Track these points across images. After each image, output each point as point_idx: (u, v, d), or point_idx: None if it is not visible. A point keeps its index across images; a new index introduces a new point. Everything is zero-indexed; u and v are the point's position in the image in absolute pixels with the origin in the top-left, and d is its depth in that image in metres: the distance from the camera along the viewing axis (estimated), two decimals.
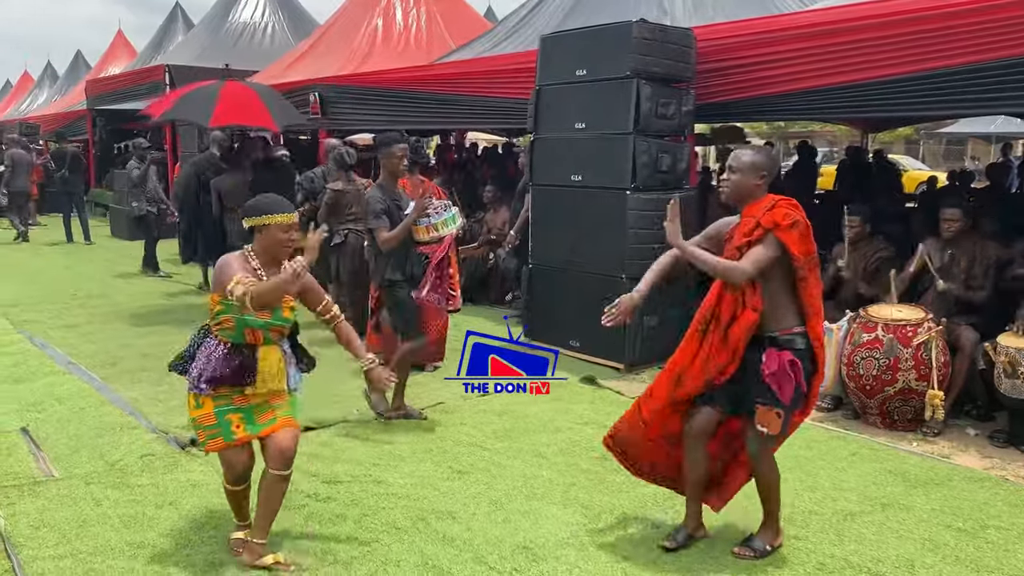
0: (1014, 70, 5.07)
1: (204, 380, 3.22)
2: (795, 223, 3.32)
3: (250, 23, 17.96)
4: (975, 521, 3.86)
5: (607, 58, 6.23)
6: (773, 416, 3.34)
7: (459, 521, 3.81)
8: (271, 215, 3.28)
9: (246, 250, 3.33)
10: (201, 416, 3.28)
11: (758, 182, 3.43)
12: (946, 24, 5.26)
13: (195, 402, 3.29)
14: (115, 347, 6.94)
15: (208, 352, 3.26)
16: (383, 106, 10.05)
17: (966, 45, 5.26)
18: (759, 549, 3.54)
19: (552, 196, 6.80)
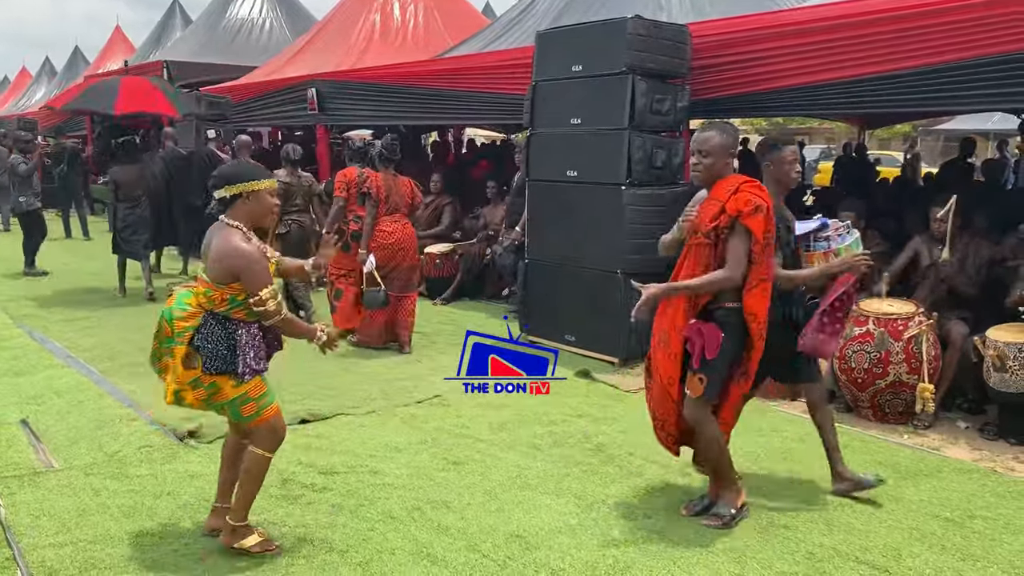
0: (1011, 66, 5.11)
1: (257, 361, 3.23)
2: (758, 208, 3.44)
3: (248, 19, 18.03)
4: (962, 511, 3.91)
5: (603, 54, 6.28)
6: (695, 381, 3.56)
7: (454, 510, 3.86)
8: (258, 180, 3.27)
9: (235, 225, 3.21)
10: (251, 388, 3.23)
11: (728, 161, 3.59)
12: (943, 20, 5.31)
13: (235, 381, 3.20)
14: (114, 341, 6.99)
15: (246, 340, 3.21)
16: (381, 102, 10.08)
17: (963, 40, 5.29)
18: (724, 515, 3.69)
19: (548, 191, 6.84)
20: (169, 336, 3.21)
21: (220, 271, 3.16)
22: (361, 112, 10.78)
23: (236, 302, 3.19)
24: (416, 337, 7.22)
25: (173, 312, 3.21)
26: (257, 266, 3.18)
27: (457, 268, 8.97)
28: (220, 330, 3.19)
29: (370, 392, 5.68)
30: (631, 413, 5.27)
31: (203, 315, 3.20)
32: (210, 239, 3.26)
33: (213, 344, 3.17)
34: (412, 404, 5.44)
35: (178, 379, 3.20)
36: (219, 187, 3.26)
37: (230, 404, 3.26)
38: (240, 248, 3.16)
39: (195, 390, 3.22)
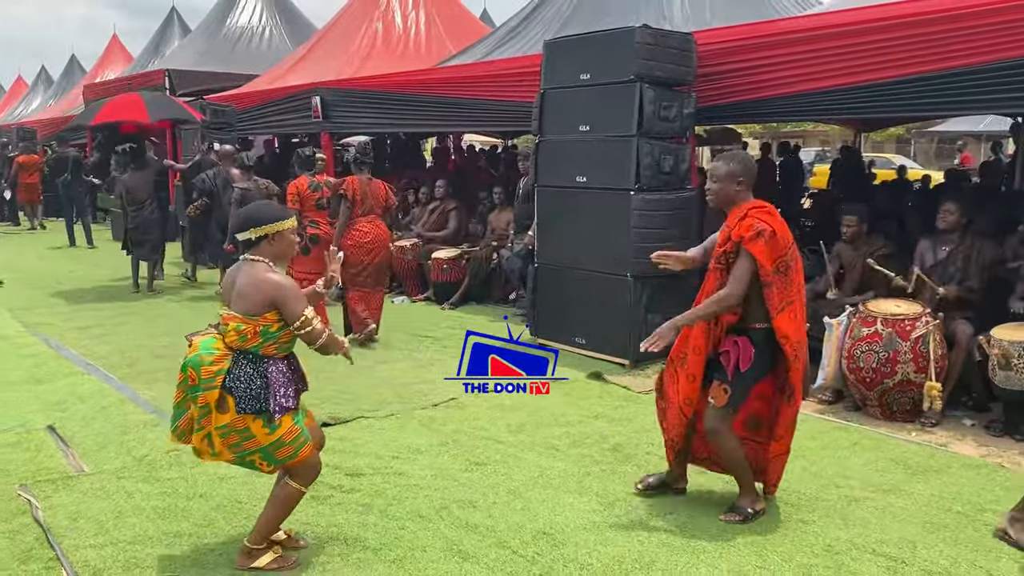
0: (1005, 72, 5.25)
1: (287, 399, 3.23)
2: (759, 233, 3.59)
3: (247, 27, 18.12)
4: (973, 505, 4.04)
5: (611, 62, 6.40)
6: (721, 391, 3.73)
7: (480, 509, 3.97)
8: (282, 221, 3.30)
9: (261, 260, 3.26)
10: (284, 432, 3.22)
11: (737, 188, 3.76)
12: (946, 27, 5.42)
13: (267, 427, 3.18)
14: (130, 348, 7.08)
15: (277, 376, 3.23)
16: (385, 109, 10.20)
17: (959, 48, 5.43)
18: (743, 512, 3.85)
19: (557, 197, 6.96)
20: (195, 384, 3.17)
21: (253, 303, 3.17)
22: (366, 120, 10.89)
23: (269, 334, 3.20)
24: (427, 342, 7.36)
25: (200, 358, 3.16)
26: (294, 291, 3.23)
27: (464, 273, 9.08)
28: (251, 368, 3.19)
29: (386, 396, 5.78)
30: (645, 414, 5.38)
31: (232, 356, 3.19)
32: (233, 277, 3.29)
33: (246, 383, 3.16)
34: (429, 407, 5.55)
35: (207, 423, 3.18)
36: (244, 229, 3.27)
37: (263, 451, 3.22)
38: (273, 278, 3.20)
39: (226, 437, 3.18)
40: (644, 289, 6.41)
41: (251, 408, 3.16)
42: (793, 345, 3.69)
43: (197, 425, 3.22)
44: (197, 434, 3.23)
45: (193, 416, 3.23)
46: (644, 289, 6.41)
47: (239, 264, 3.33)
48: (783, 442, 3.91)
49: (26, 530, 3.71)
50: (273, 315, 3.20)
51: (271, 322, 3.20)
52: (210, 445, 3.23)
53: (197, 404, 3.18)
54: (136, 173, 9.88)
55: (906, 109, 7.11)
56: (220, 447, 3.21)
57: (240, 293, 3.20)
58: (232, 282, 3.28)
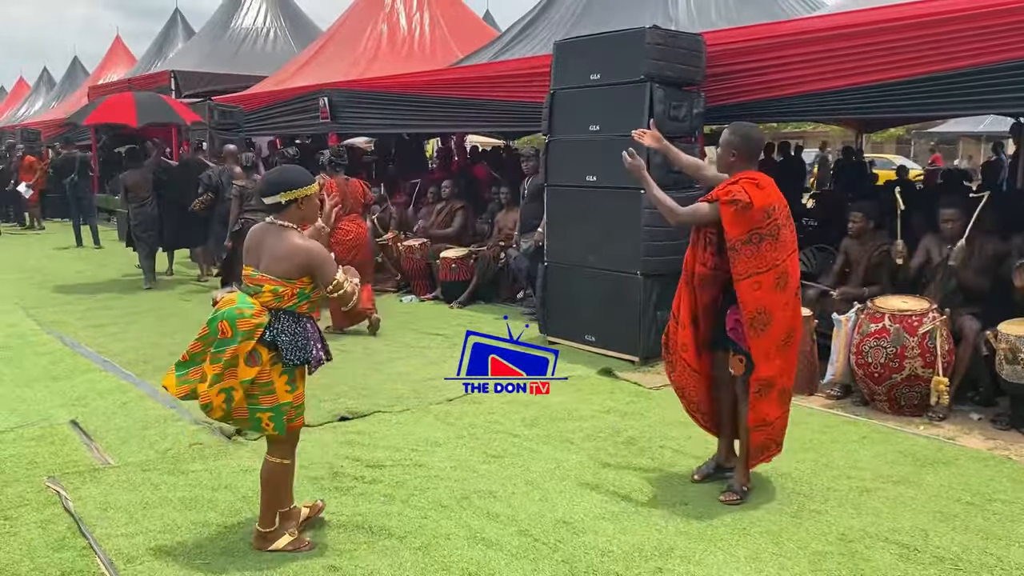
0: (1011, 72, 5.34)
1: (323, 353, 3.46)
2: (733, 201, 3.76)
3: (252, 29, 18.23)
4: (982, 495, 4.12)
5: (621, 63, 6.49)
6: (737, 361, 3.98)
7: (500, 499, 4.05)
8: (310, 186, 3.43)
9: (290, 225, 3.38)
10: (296, 395, 3.41)
11: (731, 159, 3.98)
12: (952, 28, 5.50)
13: (289, 385, 3.36)
14: (144, 346, 7.17)
15: (314, 331, 3.45)
16: (394, 110, 10.29)
17: (966, 49, 5.52)
18: (739, 490, 4.06)
19: (567, 196, 7.05)
20: (226, 337, 3.27)
21: (290, 267, 3.32)
22: (373, 120, 10.99)
23: (304, 295, 3.37)
24: (438, 340, 7.45)
25: (238, 311, 3.29)
26: (326, 256, 3.39)
27: (472, 272, 9.17)
28: (294, 323, 3.36)
29: (401, 391, 5.86)
30: (656, 409, 5.48)
31: (271, 311, 3.33)
32: (259, 240, 3.40)
33: (291, 335, 3.33)
34: (444, 402, 5.64)
35: (231, 377, 3.26)
36: (274, 193, 3.38)
37: (275, 409, 3.34)
38: (308, 244, 3.35)
39: (249, 387, 3.29)
40: (654, 287, 6.50)
41: (297, 358, 3.32)
42: (752, 309, 3.81)
43: (218, 381, 3.27)
44: (213, 388, 3.28)
45: (205, 371, 3.30)
46: (654, 287, 6.50)
47: (264, 226, 3.44)
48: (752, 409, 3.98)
49: (58, 520, 3.79)
50: (307, 279, 3.37)
51: (306, 284, 3.37)
52: (227, 400, 3.29)
53: (224, 358, 3.25)
54: (135, 171, 10.47)
55: (914, 109, 7.19)
56: (239, 401, 3.30)
57: (275, 257, 3.33)
58: (259, 243, 3.40)
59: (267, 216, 3.46)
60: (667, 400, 5.66)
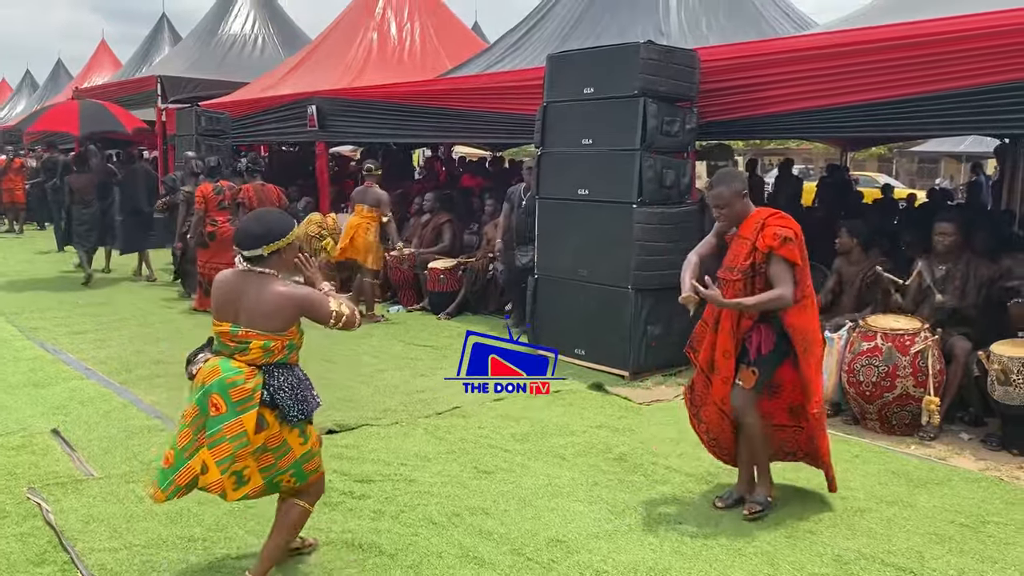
0: (994, 95, 5.39)
1: (318, 399, 3.26)
2: (786, 239, 3.82)
3: (240, 35, 18.09)
4: (976, 517, 4.11)
5: (614, 77, 6.48)
6: (748, 373, 3.96)
7: (492, 516, 3.99)
8: (292, 232, 3.19)
9: (270, 273, 3.13)
10: (313, 440, 3.24)
11: (742, 203, 3.99)
12: (944, 49, 5.52)
13: (302, 437, 3.18)
14: (127, 354, 7.05)
15: (304, 379, 3.23)
16: (383, 119, 10.23)
17: (953, 71, 5.54)
18: (762, 501, 4.06)
19: (558, 209, 7.02)
20: (221, 414, 3.00)
21: (279, 320, 3.08)
22: (362, 129, 10.93)
23: (293, 345, 3.16)
24: (427, 351, 7.39)
25: (229, 380, 3.02)
26: (312, 295, 3.16)
27: (460, 283, 9.11)
28: (289, 375, 3.14)
29: (389, 404, 5.79)
30: (647, 425, 5.44)
31: (263, 369, 3.09)
32: (235, 292, 3.11)
33: (290, 390, 3.11)
34: (433, 416, 5.57)
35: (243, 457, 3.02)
36: (255, 247, 3.09)
37: (295, 465, 3.16)
38: (294, 292, 3.11)
39: (261, 456, 3.07)
40: (645, 301, 6.47)
41: (300, 412, 3.12)
42: (800, 334, 3.88)
43: (227, 463, 2.99)
44: (226, 473, 3.00)
45: (206, 462, 3.00)
46: (645, 301, 6.47)
47: (238, 275, 3.15)
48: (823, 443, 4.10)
49: (38, 533, 3.70)
50: (296, 327, 3.16)
51: (295, 335, 3.17)
52: (238, 483, 3.04)
53: (228, 436, 2.98)
54: (81, 175, 11.18)
55: (903, 128, 7.27)
56: (251, 474, 3.05)
57: (261, 311, 3.06)
58: (235, 295, 3.11)
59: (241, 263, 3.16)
60: (657, 416, 5.65)
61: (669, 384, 6.44)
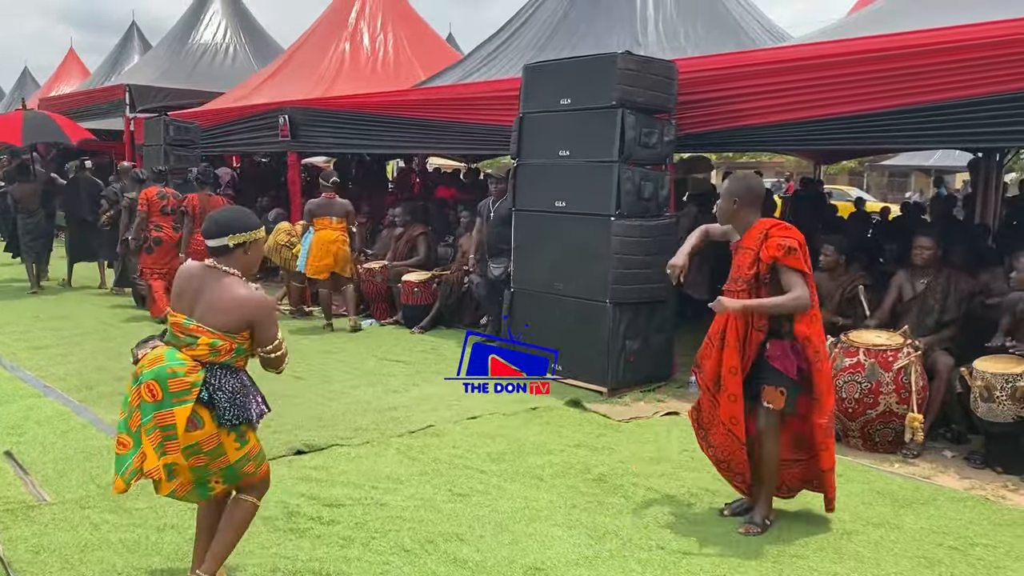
0: (969, 108, 5.35)
1: (262, 406, 3.17)
2: (790, 249, 3.80)
3: (211, 44, 17.85)
4: (964, 539, 4.00)
5: (592, 88, 6.36)
6: (777, 394, 3.88)
7: (467, 543, 3.82)
8: (257, 229, 3.14)
9: (234, 273, 3.07)
10: (251, 446, 3.12)
11: (733, 206, 3.98)
12: (922, 62, 5.46)
13: (239, 442, 3.06)
14: (88, 370, 6.80)
15: (250, 384, 3.14)
16: (357, 130, 10.03)
17: (929, 84, 5.48)
18: (759, 523, 4.01)
19: (535, 221, 6.89)
20: (156, 400, 2.92)
21: (233, 321, 3.01)
22: (335, 140, 10.72)
23: (241, 350, 3.07)
24: (400, 367, 7.21)
25: (169, 370, 2.94)
26: (271, 309, 3.09)
27: (435, 296, 8.94)
28: (232, 378, 3.04)
29: (360, 423, 5.60)
30: (626, 443, 5.31)
31: (207, 367, 3.00)
32: (195, 285, 3.06)
33: (230, 393, 3.01)
34: (406, 435, 5.39)
35: (172, 451, 2.91)
36: (220, 235, 3.05)
37: (227, 469, 3.06)
38: (255, 297, 3.04)
39: (193, 457, 2.96)
40: (623, 316, 6.34)
41: (236, 417, 3.01)
42: (815, 346, 3.87)
43: (159, 451, 2.91)
44: (161, 460, 2.91)
45: (150, 445, 2.91)
46: (623, 316, 6.34)
47: (200, 269, 3.10)
48: (829, 452, 4.01)
49: None
50: (247, 333, 3.06)
51: (244, 340, 3.07)
52: (169, 473, 2.95)
53: (159, 424, 2.90)
54: (25, 185, 11.17)
55: (880, 142, 7.23)
56: (180, 471, 2.96)
57: (216, 308, 3.00)
58: (195, 288, 3.05)
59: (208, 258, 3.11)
60: (636, 434, 5.52)
61: (648, 400, 6.31)
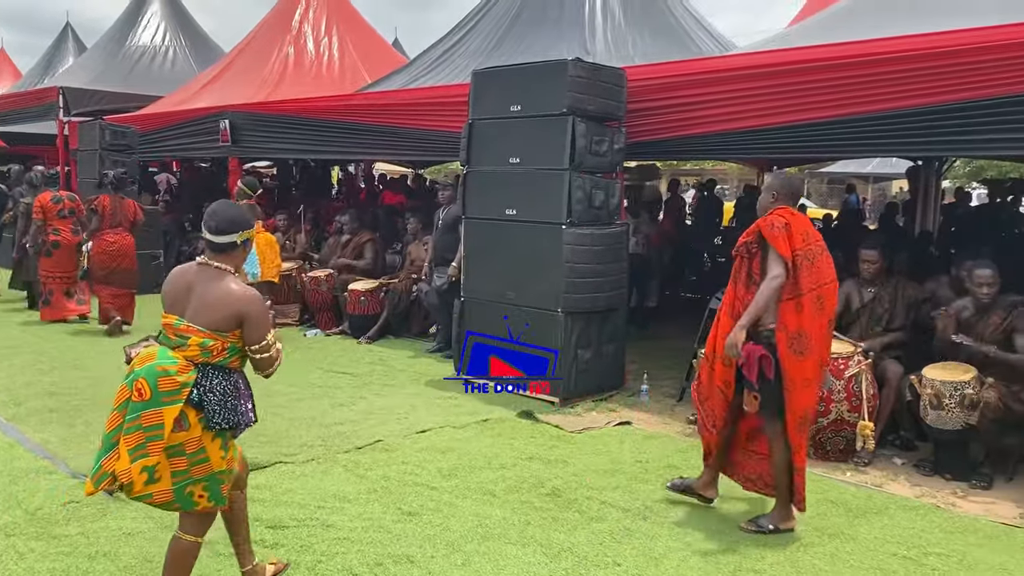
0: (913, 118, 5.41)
1: (251, 414, 3.09)
2: (773, 225, 3.99)
3: (150, 47, 17.35)
4: (918, 549, 4.00)
5: (542, 95, 6.29)
6: (751, 398, 4.01)
7: (418, 565, 3.69)
8: (253, 227, 3.14)
9: (228, 269, 3.03)
10: (230, 459, 3.03)
11: (772, 200, 4.18)
12: (867, 71, 5.49)
13: (223, 450, 2.98)
14: (17, 386, 6.48)
15: (244, 388, 3.06)
16: (300, 135, 9.82)
17: (874, 93, 5.52)
18: (763, 526, 4.09)
19: (485, 229, 6.77)
20: (145, 400, 2.83)
21: (225, 319, 2.93)
22: (278, 145, 10.48)
23: (235, 350, 2.99)
24: (346, 379, 7.04)
25: (160, 368, 2.86)
26: (262, 306, 3.02)
27: (382, 305, 8.77)
28: (224, 380, 2.96)
29: (306, 438, 5.42)
30: (580, 455, 5.22)
31: (199, 367, 2.93)
32: (187, 286, 2.99)
33: (220, 395, 2.93)
34: (353, 450, 5.22)
35: (154, 451, 2.82)
36: (232, 232, 3.03)
37: (209, 479, 2.95)
38: (248, 292, 2.98)
39: (175, 458, 2.87)
40: (575, 325, 6.27)
41: (225, 421, 2.93)
42: (790, 335, 3.93)
43: (138, 452, 2.80)
44: (136, 463, 2.80)
45: (120, 448, 2.82)
46: (575, 325, 6.27)
47: (193, 269, 3.04)
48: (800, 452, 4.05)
49: None
50: (240, 331, 2.98)
51: (236, 339, 2.99)
52: (148, 481, 2.84)
53: (144, 424, 2.81)
54: None
55: (824, 149, 7.27)
56: (162, 473, 2.85)
57: (206, 304, 2.94)
58: (187, 289, 2.98)
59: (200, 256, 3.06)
60: (589, 445, 5.44)
61: (600, 410, 6.24)
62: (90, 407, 5.86)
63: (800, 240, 3.95)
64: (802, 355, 3.92)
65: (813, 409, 4.23)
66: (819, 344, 3.98)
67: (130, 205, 8.99)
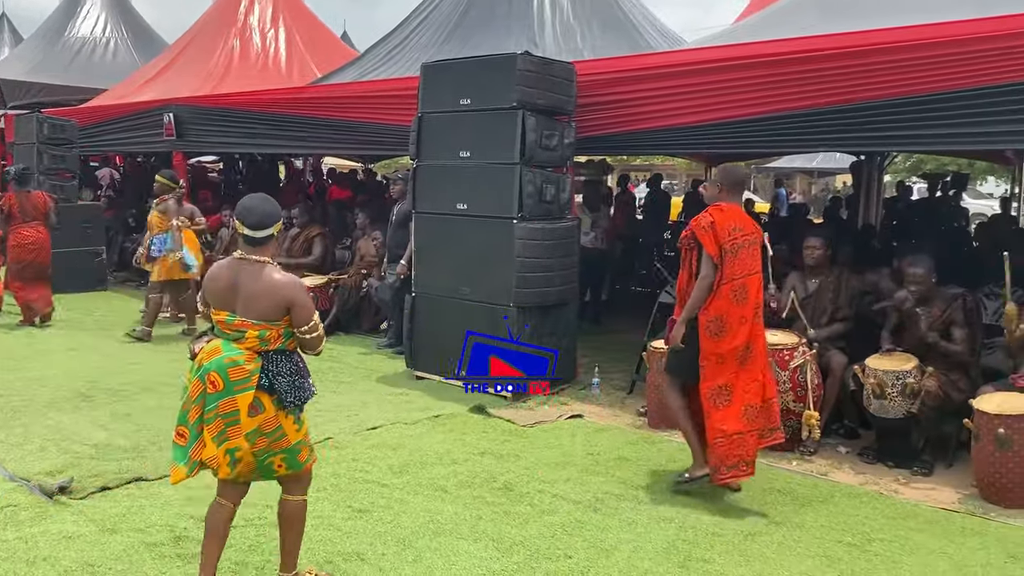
0: (849, 114, 5.55)
1: (313, 388, 3.24)
2: (700, 224, 4.38)
3: (90, 38, 17.00)
4: (861, 535, 4.09)
5: (492, 88, 6.26)
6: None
7: (368, 562, 3.66)
8: (281, 217, 3.25)
9: (268, 261, 3.15)
10: (305, 430, 3.25)
11: (717, 192, 4.56)
12: (812, 67, 5.60)
13: (297, 423, 3.18)
14: None
15: (304, 366, 3.23)
16: (246, 128, 9.65)
17: (825, 88, 5.63)
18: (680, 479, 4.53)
19: (436, 224, 6.73)
20: (219, 391, 3.02)
21: (274, 307, 3.08)
22: (224, 139, 10.31)
23: (289, 334, 3.15)
24: None
25: (229, 359, 3.05)
26: (305, 290, 3.20)
27: (332, 302, 8.68)
28: (288, 362, 3.14)
29: None
30: (532, 449, 5.23)
31: (263, 354, 3.10)
32: (231, 281, 3.12)
33: (288, 376, 3.12)
34: None
35: (235, 435, 3.02)
36: (269, 225, 3.15)
37: (288, 452, 3.16)
38: (292, 279, 3.15)
39: (255, 440, 3.06)
40: (527, 319, 6.27)
41: (297, 399, 3.13)
42: (709, 319, 4.32)
43: (221, 438, 3.02)
44: (221, 448, 3.02)
45: (205, 437, 3.04)
46: (527, 319, 6.27)
47: (233, 264, 3.16)
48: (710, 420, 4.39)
49: None
50: (288, 317, 3.14)
51: (287, 323, 3.15)
52: (231, 463, 3.05)
53: (221, 412, 3.02)
54: None
55: (770, 145, 7.42)
56: (245, 454, 3.06)
57: (255, 297, 3.08)
58: (231, 285, 3.12)
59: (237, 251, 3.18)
60: (541, 439, 5.46)
61: (552, 404, 6.26)
62: (27, 409, 5.69)
63: (726, 235, 4.30)
64: (717, 336, 4.32)
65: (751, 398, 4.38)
66: (739, 328, 4.32)
67: (40, 197, 8.98)
